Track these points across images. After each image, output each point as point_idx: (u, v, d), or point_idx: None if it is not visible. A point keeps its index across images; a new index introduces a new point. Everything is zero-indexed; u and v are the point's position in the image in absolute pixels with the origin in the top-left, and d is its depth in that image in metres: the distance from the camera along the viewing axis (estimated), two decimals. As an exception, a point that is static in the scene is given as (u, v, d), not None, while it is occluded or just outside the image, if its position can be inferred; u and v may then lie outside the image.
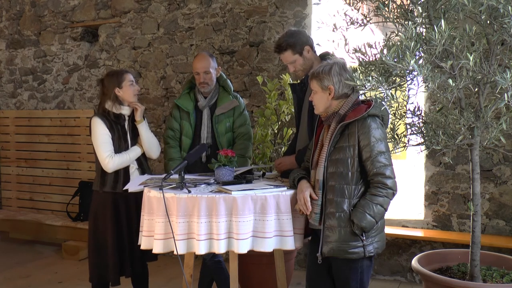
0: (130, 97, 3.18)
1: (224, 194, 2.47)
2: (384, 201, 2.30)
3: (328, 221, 2.35)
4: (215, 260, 3.36)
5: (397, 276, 4.27)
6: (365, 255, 2.33)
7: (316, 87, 2.45)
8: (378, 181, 2.30)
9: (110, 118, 3.16)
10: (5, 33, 6.12)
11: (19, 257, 5.05)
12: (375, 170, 2.29)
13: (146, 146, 3.25)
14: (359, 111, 2.36)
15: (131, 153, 3.17)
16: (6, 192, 6.11)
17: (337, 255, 2.34)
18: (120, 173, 3.15)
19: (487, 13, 2.34)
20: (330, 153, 2.36)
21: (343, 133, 2.37)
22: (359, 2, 2.65)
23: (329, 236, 2.34)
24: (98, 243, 3.14)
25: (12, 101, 6.15)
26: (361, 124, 2.32)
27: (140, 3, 5.27)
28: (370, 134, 2.30)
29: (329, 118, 2.44)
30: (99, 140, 3.09)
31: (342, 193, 2.32)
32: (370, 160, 2.30)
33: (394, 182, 2.33)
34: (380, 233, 2.40)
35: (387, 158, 2.33)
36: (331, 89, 2.40)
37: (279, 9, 4.63)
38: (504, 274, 2.81)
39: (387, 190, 2.30)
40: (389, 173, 2.31)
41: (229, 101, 3.46)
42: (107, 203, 3.14)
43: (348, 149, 2.33)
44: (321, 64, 2.54)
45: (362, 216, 2.26)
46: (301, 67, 2.97)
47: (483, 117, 2.53)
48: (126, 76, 3.20)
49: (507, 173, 3.94)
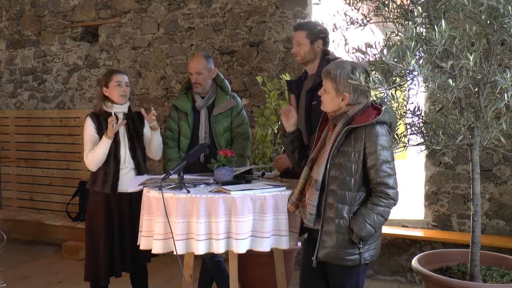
0: (116, 97, 3.19)
1: (223, 194, 2.47)
2: (384, 212, 2.24)
3: (326, 226, 2.29)
4: (214, 260, 3.36)
5: (397, 276, 4.27)
6: (361, 262, 2.28)
7: (329, 88, 2.34)
8: (381, 190, 2.23)
9: (102, 117, 3.18)
10: (5, 33, 6.12)
11: (19, 257, 5.05)
12: (379, 179, 2.23)
13: (153, 151, 3.34)
14: (368, 116, 2.27)
15: (97, 148, 3.11)
16: (6, 192, 6.11)
17: (332, 261, 2.29)
18: (109, 173, 3.14)
19: (487, 13, 2.34)
20: (334, 156, 2.29)
21: (348, 137, 2.29)
22: (359, 2, 2.65)
23: (326, 241, 2.29)
24: (92, 243, 3.16)
25: (12, 101, 6.15)
26: (369, 130, 2.25)
27: (140, 3, 5.27)
28: (377, 142, 2.23)
29: (336, 118, 2.36)
30: (85, 139, 3.19)
31: (343, 199, 2.26)
32: (375, 169, 2.23)
33: (396, 193, 2.27)
34: (376, 240, 2.36)
35: (392, 167, 2.27)
36: (345, 96, 2.31)
37: (279, 9, 4.63)
38: (504, 274, 2.81)
39: (389, 201, 2.24)
40: (392, 183, 2.24)
41: (226, 101, 3.46)
42: (100, 202, 3.15)
43: (353, 154, 2.26)
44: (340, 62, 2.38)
45: (362, 225, 2.21)
46: (303, 54, 2.97)
47: (483, 117, 2.53)
48: (114, 76, 3.20)
49: (507, 173, 3.94)
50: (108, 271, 3.12)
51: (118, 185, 3.14)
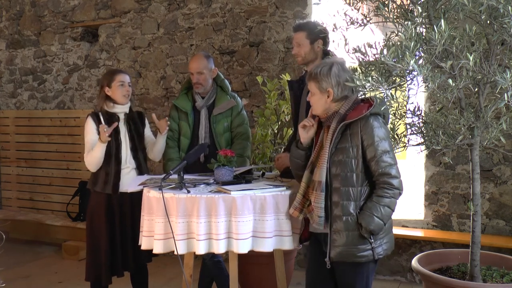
0: (119, 97, 3.19)
1: (224, 194, 2.47)
2: (391, 202, 2.23)
3: (335, 225, 2.27)
4: (214, 260, 3.36)
5: (397, 276, 4.27)
6: (374, 257, 2.26)
7: (314, 89, 2.37)
8: (384, 181, 2.22)
9: (103, 117, 3.17)
10: (5, 33, 6.12)
11: (19, 257, 5.05)
12: (381, 170, 2.22)
13: (155, 153, 3.37)
14: (360, 110, 2.28)
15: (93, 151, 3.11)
16: (6, 192, 6.11)
17: (345, 259, 2.26)
18: (110, 174, 3.14)
19: (487, 13, 2.34)
20: (332, 154, 2.29)
21: (344, 133, 2.29)
22: (359, 2, 2.65)
23: (336, 240, 2.26)
24: (93, 242, 3.16)
25: (12, 101, 6.15)
26: (364, 123, 2.25)
27: (140, 3, 5.27)
28: (374, 133, 2.23)
29: (329, 118, 2.36)
30: (85, 139, 3.18)
31: (348, 195, 2.25)
32: (375, 160, 2.22)
33: (400, 182, 2.25)
34: (388, 233, 2.34)
35: (392, 157, 2.26)
36: (330, 92, 2.32)
37: (279, 9, 4.63)
38: (504, 274, 2.81)
39: (394, 191, 2.23)
40: (395, 173, 2.23)
41: (226, 101, 3.46)
42: (101, 202, 3.15)
43: (352, 149, 2.26)
44: (319, 63, 2.46)
45: (370, 219, 2.19)
46: (304, 54, 2.98)
47: (483, 117, 2.53)
48: (118, 76, 3.20)
49: (507, 173, 3.94)
50: (110, 271, 3.12)
51: (120, 185, 3.14)
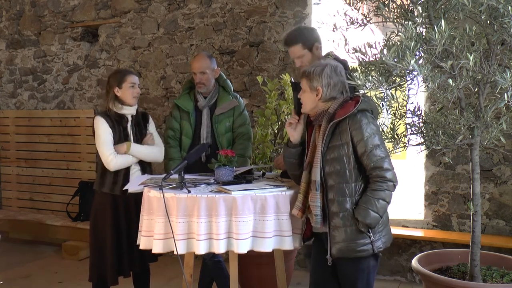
0: (129, 99, 3.17)
1: (224, 194, 2.47)
2: (385, 195, 2.26)
3: (333, 222, 2.31)
4: (215, 260, 3.36)
5: (397, 276, 4.27)
6: (374, 251, 2.29)
7: (305, 86, 2.41)
8: (377, 175, 2.25)
9: (113, 118, 3.15)
10: (5, 33, 6.12)
11: (19, 257, 5.05)
12: (372, 164, 2.25)
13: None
14: (348, 107, 2.32)
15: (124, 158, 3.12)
16: (6, 192, 6.11)
17: (346, 255, 2.30)
18: (119, 175, 3.13)
19: (487, 13, 2.34)
20: (325, 153, 2.33)
21: (334, 132, 2.33)
22: (359, 2, 2.65)
23: (336, 236, 2.30)
24: (98, 243, 3.14)
25: (12, 101, 6.15)
26: (352, 120, 2.29)
27: (140, 3, 5.27)
28: (362, 129, 2.26)
29: (318, 117, 2.40)
30: (102, 138, 3.09)
31: (343, 192, 2.28)
32: (366, 155, 2.25)
33: (393, 174, 2.28)
34: (386, 226, 2.38)
35: (383, 150, 2.28)
36: (318, 90, 2.36)
37: (279, 9, 4.63)
38: (504, 274, 2.81)
39: (387, 183, 2.25)
40: (387, 165, 2.26)
41: (228, 101, 3.46)
42: (106, 203, 3.14)
43: (342, 147, 2.30)
44: (314, 63, 2.49)
45: (366, 213, 2.23)
46: (308, 63, 2.96)
47: (483, 117, 2.53)
48: (128, 77, 3.17)
49: (507, 173, 3.94)
50: (116, 271, 3.12)
51: None
